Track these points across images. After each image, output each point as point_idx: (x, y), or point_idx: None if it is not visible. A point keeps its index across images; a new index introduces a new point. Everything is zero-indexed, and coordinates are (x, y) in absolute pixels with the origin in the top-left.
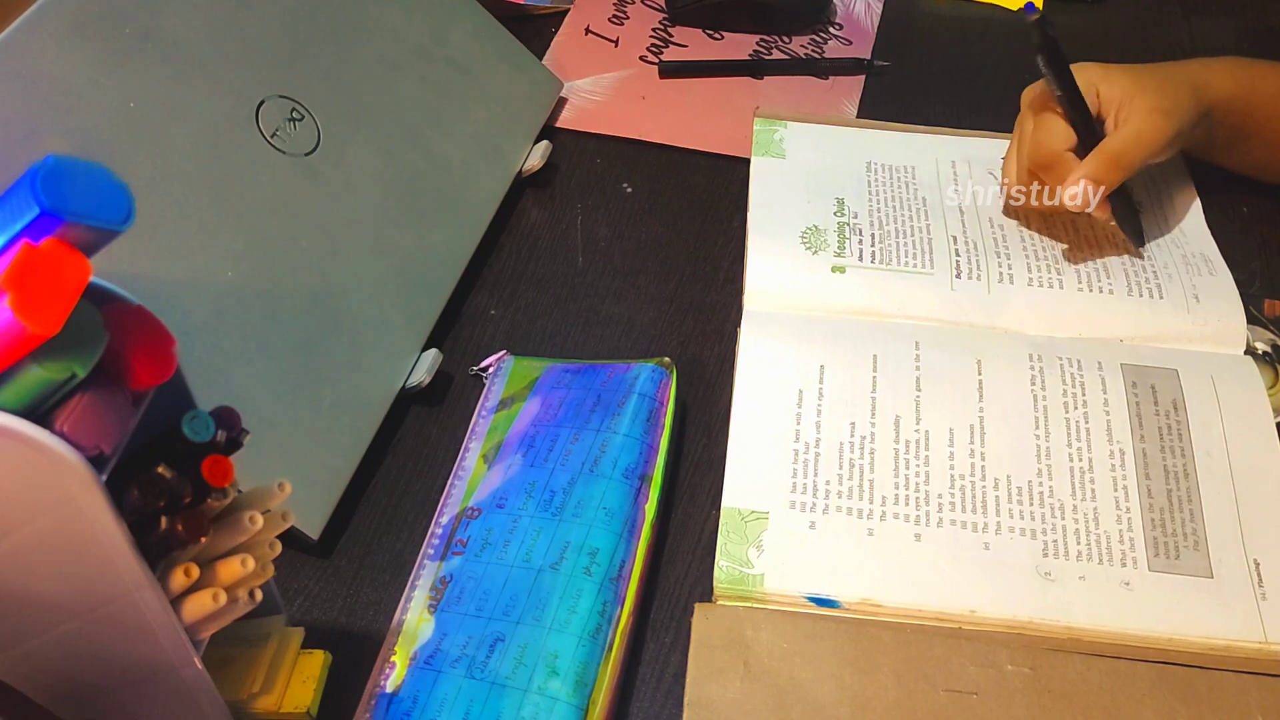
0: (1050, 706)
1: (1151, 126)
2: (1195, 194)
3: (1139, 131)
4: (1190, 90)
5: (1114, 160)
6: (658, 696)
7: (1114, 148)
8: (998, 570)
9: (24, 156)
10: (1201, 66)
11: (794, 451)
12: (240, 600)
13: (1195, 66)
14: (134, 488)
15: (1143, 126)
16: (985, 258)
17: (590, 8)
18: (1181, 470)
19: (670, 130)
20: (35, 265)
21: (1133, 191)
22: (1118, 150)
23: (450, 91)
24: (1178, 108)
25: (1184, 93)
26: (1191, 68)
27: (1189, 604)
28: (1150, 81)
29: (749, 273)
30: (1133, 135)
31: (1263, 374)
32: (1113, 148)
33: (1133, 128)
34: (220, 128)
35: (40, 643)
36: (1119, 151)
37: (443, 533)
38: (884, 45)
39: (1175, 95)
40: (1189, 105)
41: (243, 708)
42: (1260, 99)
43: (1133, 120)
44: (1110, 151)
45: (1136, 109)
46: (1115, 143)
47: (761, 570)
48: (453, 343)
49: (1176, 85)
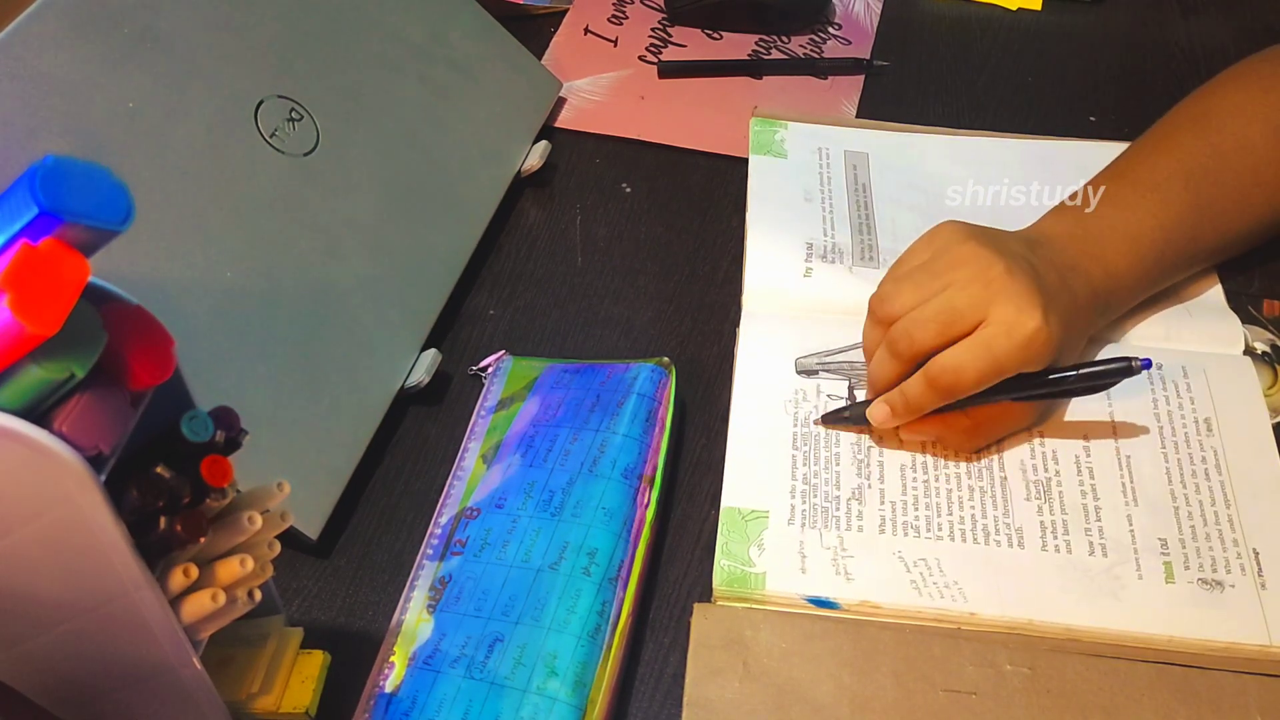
0: (1049, 706)
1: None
2: None
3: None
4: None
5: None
6: (657, 696)
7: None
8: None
9: (23, 156)
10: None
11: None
12: (239, 600)
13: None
14: (133, 488)
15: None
16: None
17: (589, 8)
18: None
19: (669, 130)
20: (34, 265)
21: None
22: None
23: (449, 91)
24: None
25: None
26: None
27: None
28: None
29: (748, 272)
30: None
31: (1261, 374)
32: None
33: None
34: (219, 128)
35: (40, 643)
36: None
37: (442, 533)
38: (883, 45)
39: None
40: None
41: (242, 708)
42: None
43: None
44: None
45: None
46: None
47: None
48: (452, 343)
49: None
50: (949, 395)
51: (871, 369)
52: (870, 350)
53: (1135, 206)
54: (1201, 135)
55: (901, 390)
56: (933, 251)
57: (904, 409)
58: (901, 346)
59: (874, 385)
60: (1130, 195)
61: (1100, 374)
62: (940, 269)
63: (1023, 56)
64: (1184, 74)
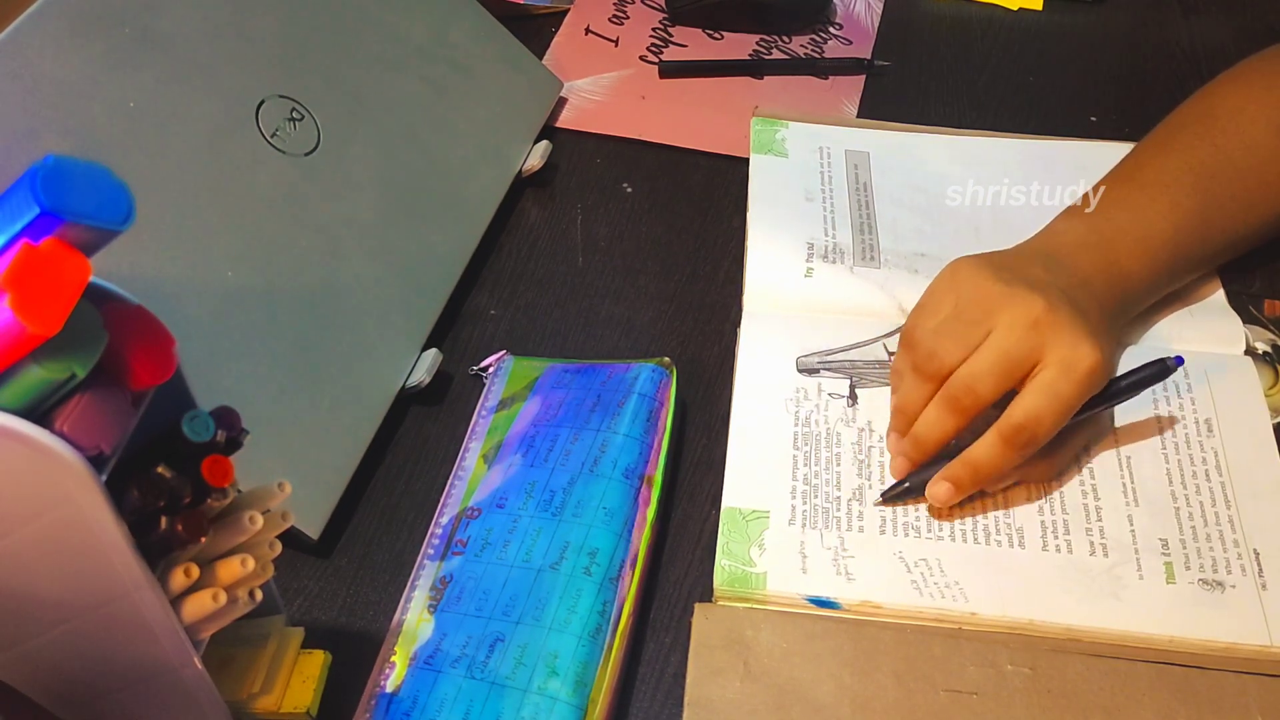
0: (1050, 706)
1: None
2: None
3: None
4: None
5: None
6: (657, 696)
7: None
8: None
9: (24, 156)
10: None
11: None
12: (240, 600)
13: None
14: (134, 488)
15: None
16: None
17: (590, 7)
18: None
19: (670, 130)
20: (35, 265)
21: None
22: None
23: (450, 91)
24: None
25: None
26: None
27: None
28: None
29: (749, 272)
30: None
31: (1262, 374)
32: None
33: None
34: (220, 128)
35: (40, 643)
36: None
37: (442, 533)
38: (884, 45)
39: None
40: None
41: (243, 708)
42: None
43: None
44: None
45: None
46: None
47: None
48: (453, 343)
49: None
50: (1028, 451)
51: (922, 428)
52: (916, 408)
53: (1145, 209)
54: (1206, 136)
55: (967, 460)
56: (959, 296)
57: (973, 479)
58: (966, 402)
59: (925, 444)
60: (1139, 198)
61: (1144, 380)
62: (977, 316)
63: (1023, 56)
64: (1184, 74)
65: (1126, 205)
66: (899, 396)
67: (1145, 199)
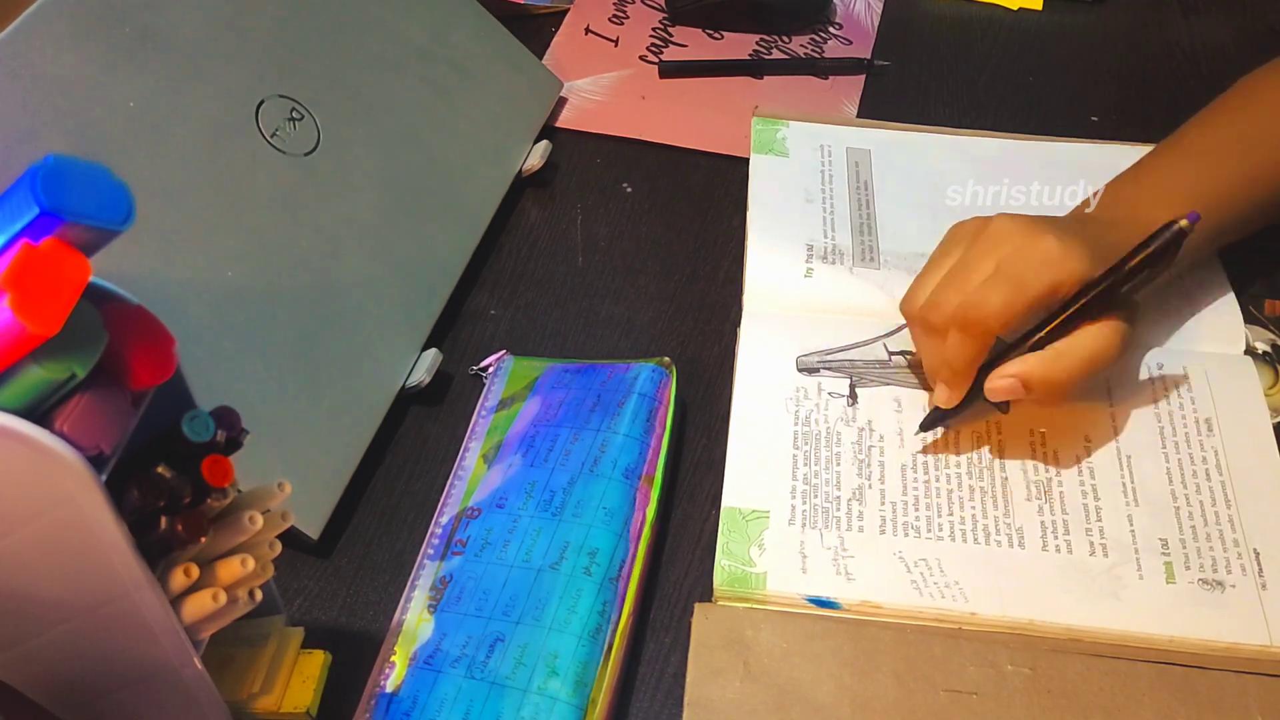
0: (1050, 707)
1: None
2: None
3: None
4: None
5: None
6: (657, 696)
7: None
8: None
9: (24, 156)
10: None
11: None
12: (240, 600)
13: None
14: (134, 488)
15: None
16: None
17: (590, 7)
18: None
19: (670, 130)
20: (35, 265)
21: None
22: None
23: (450, 91)
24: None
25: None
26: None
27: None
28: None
29: (749, 272)
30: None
31: (1262, 374)
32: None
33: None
34: (220, 128)
35: (40, 643)
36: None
37: (442, 533)
38: (884, 45)
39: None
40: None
41: (243, 708)
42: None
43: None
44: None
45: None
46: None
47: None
48: (453, 342)
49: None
50: (979, 331)
51: (948, 354)
52: (934, 358)
53: (1175, 168)
54: (1246, 110)
55: (943, 357)
56: (965, 245)
57: (951, 372)
58: (974, 316)
59: (956, 366)
60: (1172, 158)
61: (1157, 250)
62: (982, 251)
63: (1023, 56)
64: (1184, 74)
65: (1157, 167)
66: (925, 363)
67: (1177, 159)
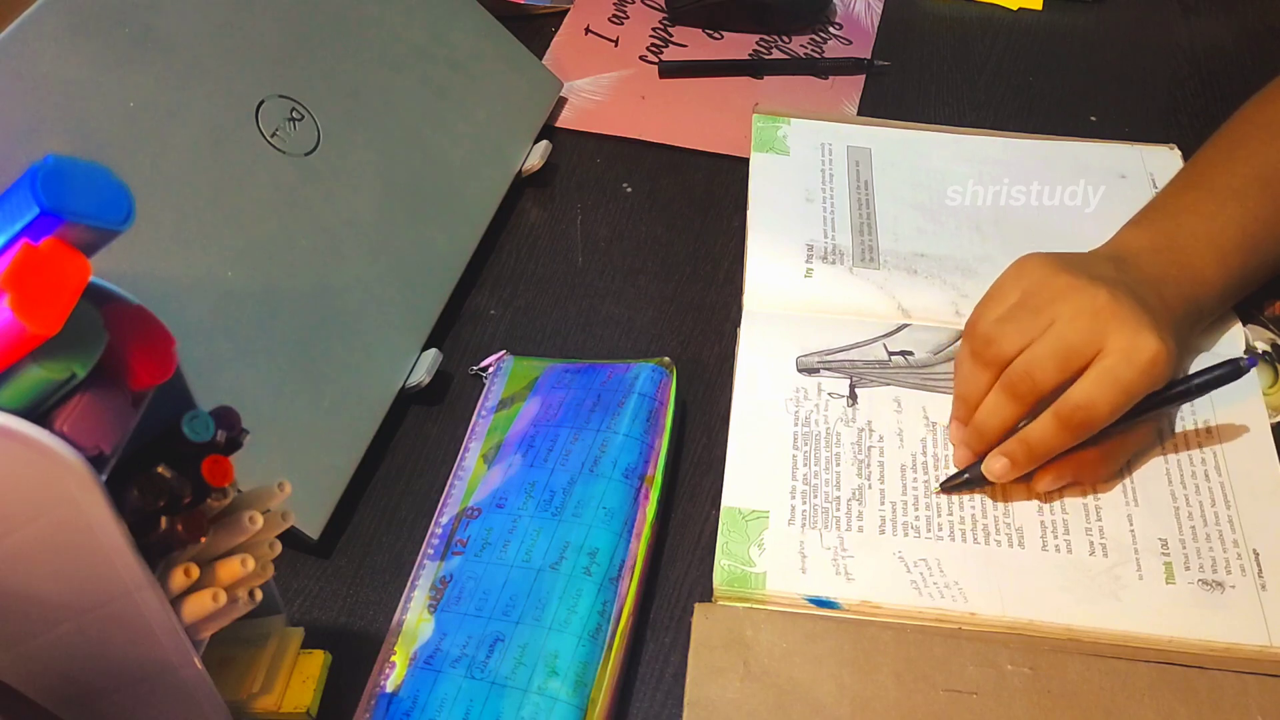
0: (1050, 707)
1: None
2: None
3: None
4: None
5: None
6: (658, 696)
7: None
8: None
9: (24, 156)
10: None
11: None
12: (240, 600)
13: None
14: (134, 488)
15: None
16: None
17: (590, 7)
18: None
19: (670, 130)
20: (35, 265)
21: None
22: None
23: (450, 91)
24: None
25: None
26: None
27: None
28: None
29: (749, 272)
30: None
31: (1262, 374)
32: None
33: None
34: (220, 127)
35: (40, 643)
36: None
37: (442, 533)
38: (884, 45)
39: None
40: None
41: (243, 708)
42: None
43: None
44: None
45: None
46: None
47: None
48: (453, 342)
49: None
50: (1083, 433)
51: (982, 416)
52: (977, 396)
53: (1216, 215)
54: (1271, 143)
55: (1023, 439)
56: (1025, 287)
57: (1027, 457)
58: (1023, 389)
59: (986, 432)
60: (1210, 204)
61: (1215, 380)
62: (1040, 305)
63: (1023, 56)
64: (1184, 74)
65: (1197, 211)
66: (960, 385)
67: (1216, 205)
